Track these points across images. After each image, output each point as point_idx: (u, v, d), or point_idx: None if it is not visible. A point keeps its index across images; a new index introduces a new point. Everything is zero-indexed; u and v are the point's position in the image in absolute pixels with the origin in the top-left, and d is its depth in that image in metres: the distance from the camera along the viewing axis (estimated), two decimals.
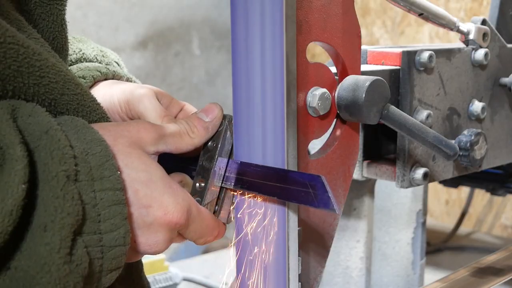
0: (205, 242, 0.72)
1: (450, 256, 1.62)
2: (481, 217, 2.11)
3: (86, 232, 0.59)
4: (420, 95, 0.95)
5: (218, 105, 0.73)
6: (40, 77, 0.63)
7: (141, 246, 0.66)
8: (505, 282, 1.05)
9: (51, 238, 0.55)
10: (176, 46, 3.10)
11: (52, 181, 0.56)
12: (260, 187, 0.68)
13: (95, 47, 0.88)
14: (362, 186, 1.09)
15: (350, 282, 1.12)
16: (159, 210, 0.65)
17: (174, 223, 0.66)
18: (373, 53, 0.98)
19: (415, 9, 0.93)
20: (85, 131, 0.62)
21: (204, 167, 0.72)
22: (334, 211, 0.62)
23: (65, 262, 0.56)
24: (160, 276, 1.33)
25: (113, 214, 0.61)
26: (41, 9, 0.71)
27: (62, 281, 0.56)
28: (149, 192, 0.65)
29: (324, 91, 0.74)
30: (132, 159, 0.65)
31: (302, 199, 0.64)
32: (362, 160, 1.02)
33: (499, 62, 1.08)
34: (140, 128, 0.67)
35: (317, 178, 0.63)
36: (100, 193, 0.60)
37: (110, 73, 0.83)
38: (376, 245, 1.20)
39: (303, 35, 0.72)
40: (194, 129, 0.71)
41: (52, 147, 0.57)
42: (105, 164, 0.61)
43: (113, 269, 0.63)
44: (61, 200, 0.56)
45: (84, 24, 2.80)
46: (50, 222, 0.55)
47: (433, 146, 0.87)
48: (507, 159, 1.12)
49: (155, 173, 0.66)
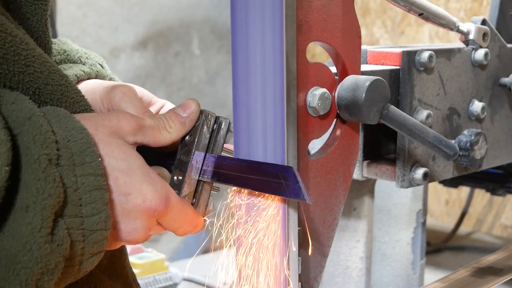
0: (184, 232, 0.74)
1: (450, 256, 1.62)
2: (481, 217, 2.11)
3: (67, 214, 0.61)
4: (420, 95, 0.95)
5: (195, 100, 0.75)
6: (26, 66, 0.65)
7: (120, 233, 0.68)
8: (505, 282, 1.05)
9: (32, 218, 0.57)
10: (176, 46, 3.10)
11: (34, 164, 0.58)
12: (236, 180, 0.71)
13: (79, 49, 0.90)
14: (362, 186, 1.09)
15: (350, 282, 1.12)
16: (138, 197, 0.67)
17: (152, 211, 0.68)
18: (373, 53, 0.98)
19: (415, 9, 0.93)
20: (67, 120, 0.64)
21: (182, 160, 0.74)
22: (304, 200, 0.64)
23: (46, 241, 0.58)
24: (160, 276, 1.33)
25: (94, 199, 0.62)
26: (26, 8, 0.72)
27: (43, 259, 0.57)
28: (129, 180, 0.66)
29: (324, 91, 0.74)
30: (112, 148, 0.66)
31: (275, 190, 0.67)
32: (362, 160, 1.02)
33: (499, 62, 1.08)
34: (121, 118, 0.69)
35: (288, 169, 0.65)
36: (82, 178, 0.62)
37: (93, 72, 0.86)
38: (376, 245, 1.20)
39: (303, 35, 0.72)
40: (172, 123, 0.72)
41: (35, 132, 0.59)
42: (86, 150, 0.63)
43: (94, 253, 0.64)
44: (43, 182, 0.58)
45: (84, 24, 2.80)
46: (32, 203, 0.57)
47: (433, 146, 0.87)
48: (507, 159, 1.12)
49: (135, 162, 0.68)
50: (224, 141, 0.75)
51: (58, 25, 2.66)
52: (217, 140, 0.75)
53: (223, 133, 0.75)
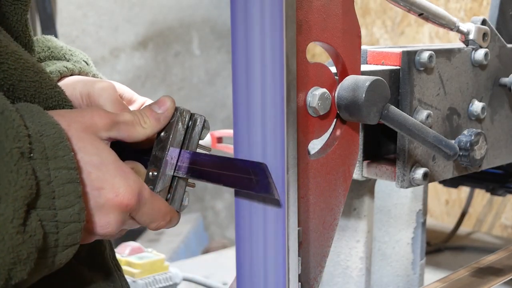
0: (157, 227, 0.74)
1: (450, 256, 1.62)
2: (481, 217, 2.11)
3: (40, 207, 0.62)
4: (420, 95, 0.95)
5: (170, 97, 0.76)
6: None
7: (94, 227, 0.69)
8: (505, 282, 1.05)
9: (4, 209, 0.58)
10: (176, 46, 3.10)
11: (6, 157, 0.59)
12: (209, 175, 0.72)
13: (64, 46, 0.91)
14: (362, 186, 1.09)
15: (350, 282, 1.12)
16: (111, 192, 0.68)
17: (125, 205, 0.69)
18: (373, 53, 0.98)
19: (415, 9, 0.93)
20: (40, 115, 0.65)
21: (157, 156, 0.75)
22: (273, 196, 0.65)
23: (18, 232, 0.58)
24: (160, 276, 1.33)
25: (68, 192, 0.63)
26: (5, 8, 0.73)
27: (15, 249, 0.58)
28: (101, 175, 0.67)
29: (324, 91, 0.74)
30: (85, 144, 0.67)
31: (244, 185, 0.68)
32: (362, 160, 1.02)
33: (499, 62, 1.08)
34: (94, 114, 0.70)
35: (259, 165, 0.66)
36: (55, 171, 0.63)
37: (76, 69, 0.86)
38: (376, 245, 1.20)
39: (303, 35, 0.72)
40: (146, 119, 0.73)
41: (7, 126, 0.60)
42: (59, 145, 0.63)
43: (69, 245, 0.65)
44: (15, 174, 0.59)
45: (84, 24, 2.80)
46: (4, 195, 0.58)
47: (433, 146, 0.87)
48: (507, 159, 1.12)
49: (107, 157, 0.69)
50: (199, 138, 0.77)
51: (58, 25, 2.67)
52: (192, 136, 0.76)
53: (198, 129, 0.76)
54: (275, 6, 0.65)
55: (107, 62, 2.88)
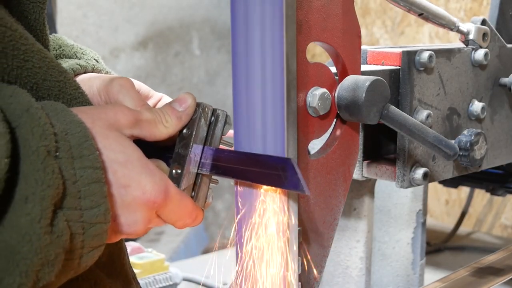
0: (184, 225, 0.73)
1: (450, 256, 1.62)
2: (481, 217, 2.11)
3: (66, 206, 0.60)
4: (420, 95, 0.95)
5: (191, 94, 0.75)
6: (24, 61, 0.65)
7: (120, 226, 0.68)
8: (505, 282, 1.05)
9: (32, 209, 0.57)
10: (176, 46, 3.10)
11: (33, 156, 0.58)
12: (234, 172, 0.70)
13: (74, 44, 0.90)
14: (362, 186, 1.09)
15: (350, 282, 1.12)
16: (137, 189, 0.67)
17: (152, 202, 0.67)
18: (373, 53, 0.98)
19: (415, 9, 0.93)
20: (65, 114, 0.64)
21: (180, 154, 0.74)
22: (303, 192, 0.64)
23: (46, 232, 0.57)
24: (160, 276, 1.33)
25: (93, 192, 0.62)
26: (23, 6, 0.72)
27: (43, 250, 0.57)
28: (127, 172, 0.66)
29: (324, 91, 0.74)
30: (110, 141, 0.66)
31: (273, 182, 0.67)
32: (362, 160, 1.02)
33: (499, 62, 1.08)
34: (118, 111, 0.69)
35: (286, 161, 0.65)
36: (80, 171, 0.62)
37: (89, 66, 0.86)
38: (376, 245, 1.20)
39: (303, 35, 0.72)
40: (168, 118, 0.72)
41: (33, 124, 0.59)
42: (84, 143, 0.63)
43: (95, 247, 0.64)
44: (42, 173, 0.58)
45: (84, 24, 2.80)
46: (31, 194, 0.57)
47: (433, 146, 0.87)
48: (507, 159, 1.12)
49: (133, 154, 0.67)
50: (222, 134, 0.75)
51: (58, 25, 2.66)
52: (215, 132, 0.75)
53: (221, 125, 0.75)
54: (275, 6, 0.65)
55: (107, 62, 2.88)
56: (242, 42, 0.69)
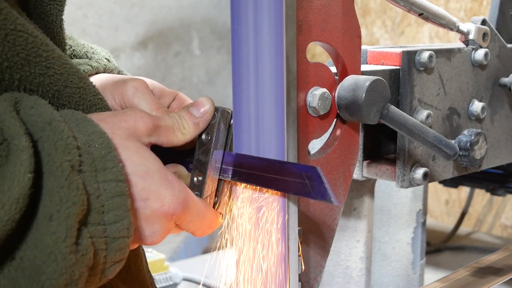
0: (203, 233, 0.73)
1: (450, 256, 1.62)
2: (481, 217, 2.11)
3: (90, 222, 0.59)
4: (420, 95, 0.95)
5: (210, 99, 0.73)
6: (46, 68, 0.63)
7: (139, 237, 0.67)
8: (505, 282, 1.05)
9: (56, 227, 0.55)
10: (176, 46, 3.10)
11: (57, 171, 0.56)
12: (257, 179, 0.69)
13: (85, 44, 0.88)
14: (362, 186, 1.09)
15: (350, 282, 1.12)
16: (156, 202, 0.65)
17: (170, 215, 0.67)
18: (373, 53, 0.98)
19: (415, 9, 0.93)
20: (86, 124, 0.62)
21: (201, 161, 0.72)
22: (331, 202, 0.62)
23: (71, 252, 0.56)
24: (160, 276, 1.33)
25: (117, 206, 0.61)
26: (41, 8, 0.71)
27: (69, 270, 0.56)
28: (147, 185, 0.65)
29: (324, 91, 0.74)
30: (130, 153, 0.65)
31: (299, 191, 0.65)
32: (362, 160, 1.02)
33: (499, 62, 1.08)
34: (137, 118, 0.68)
35: (312, 169, 0.63)
36: (103, 184, 0.60)
37: (101, 67, 0.84)
38: (376, 245, 1.20)
39: (303, 35, 0.72)
40: (186, 124, 0.71)
41: (56, 138, 0.58)
42: (107, 155, 0.61)
43: (116, 261, 0.63)
44: (66, 190, 0.56)
45: (84, 24, 2.80)
46: (56, 212, 0.55)
47: (433, 146, 0.87)
48: (507, 159, 1.12)
49: (153, 166, 0.66)
50: None
51: None
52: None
53: None
54: (275, 6, 0.65)
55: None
56: (242, 42, 0.69)
